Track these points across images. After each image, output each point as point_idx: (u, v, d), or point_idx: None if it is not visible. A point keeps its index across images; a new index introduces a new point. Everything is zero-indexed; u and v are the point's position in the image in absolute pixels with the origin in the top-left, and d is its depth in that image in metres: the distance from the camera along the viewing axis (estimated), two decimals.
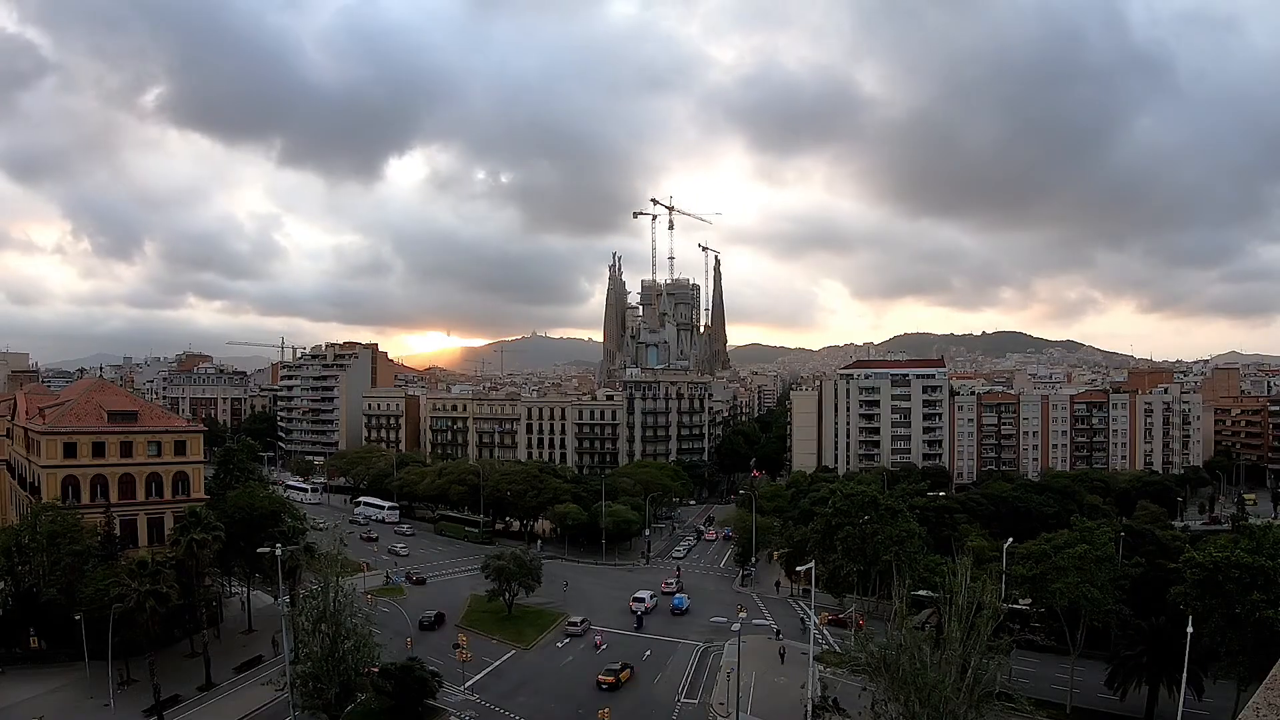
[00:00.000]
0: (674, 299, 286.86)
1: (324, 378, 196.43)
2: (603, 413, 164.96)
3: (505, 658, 67.06)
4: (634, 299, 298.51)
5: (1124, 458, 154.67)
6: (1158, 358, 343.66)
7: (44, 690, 56.28)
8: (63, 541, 59.29)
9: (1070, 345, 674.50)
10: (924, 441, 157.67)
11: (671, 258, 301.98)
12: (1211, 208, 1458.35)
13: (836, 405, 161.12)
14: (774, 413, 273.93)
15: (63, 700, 55.15)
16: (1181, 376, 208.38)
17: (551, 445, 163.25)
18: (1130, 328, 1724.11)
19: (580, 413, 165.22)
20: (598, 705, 53.37)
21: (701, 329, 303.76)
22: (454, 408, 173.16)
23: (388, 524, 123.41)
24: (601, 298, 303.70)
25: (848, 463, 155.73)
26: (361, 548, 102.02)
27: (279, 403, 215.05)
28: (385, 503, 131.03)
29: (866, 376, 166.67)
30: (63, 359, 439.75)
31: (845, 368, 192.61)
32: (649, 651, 68.93)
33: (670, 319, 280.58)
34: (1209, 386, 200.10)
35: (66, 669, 59.00)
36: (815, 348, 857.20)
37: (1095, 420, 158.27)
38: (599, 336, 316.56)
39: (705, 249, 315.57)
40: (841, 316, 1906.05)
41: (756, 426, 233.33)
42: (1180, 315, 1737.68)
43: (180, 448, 72.22)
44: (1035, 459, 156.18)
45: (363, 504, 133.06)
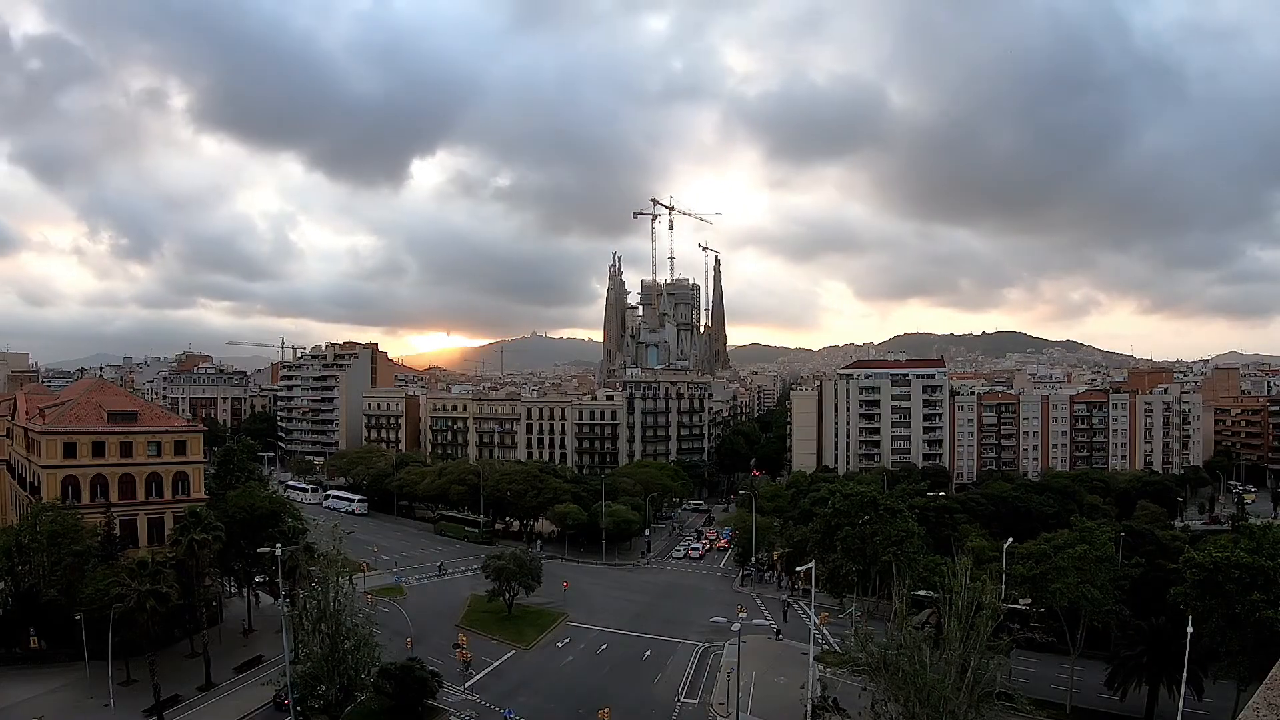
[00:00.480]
0: (674, 299, 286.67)
1: (324, 378, 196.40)
2: (603, 413, 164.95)
3: (505, 658, 67.07)
4: (634, 299, 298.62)
5: (1124, 458, 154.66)
6: (1158, 358, 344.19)
7: (44, 690, 56.27)
8: (63, 541, 59.23)
9: (1070, 345, 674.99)
10: (924, 441, 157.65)
11: (671, 258, 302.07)
12: (1213, 211, 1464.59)
13: (836, 405, 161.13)
14: (774, 413, 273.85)
15: (63, 700, 55.15)
16: (1181, 376, 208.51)
17: (551, 445, 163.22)
18: (1131, 328, 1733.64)
19: (580, 413, 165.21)
20: (598, 705, 53.38)
21: (701, 329, 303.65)
22: (454, 408, 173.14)
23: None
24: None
25: (848, 463, 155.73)
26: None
27: (279, 403, 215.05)
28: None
29: (866, 376, 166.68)
30: (73, 359, 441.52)
31: (845, 368, 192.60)
32: (649, 651, 68.97)
33: (670, 319, 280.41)
34: (1209, 386, 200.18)
35: (66, 669, 59.00)
36: (815, 348, 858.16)
37: (1095, 420, 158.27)
38: (599, 336, 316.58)
39: (705, 249, 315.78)
40: (845, 318, 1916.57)
41: (756, 426, 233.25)
42: (1181, 316, 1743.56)
43: (180, 448, 72.20)
44: (1035, 459, 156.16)
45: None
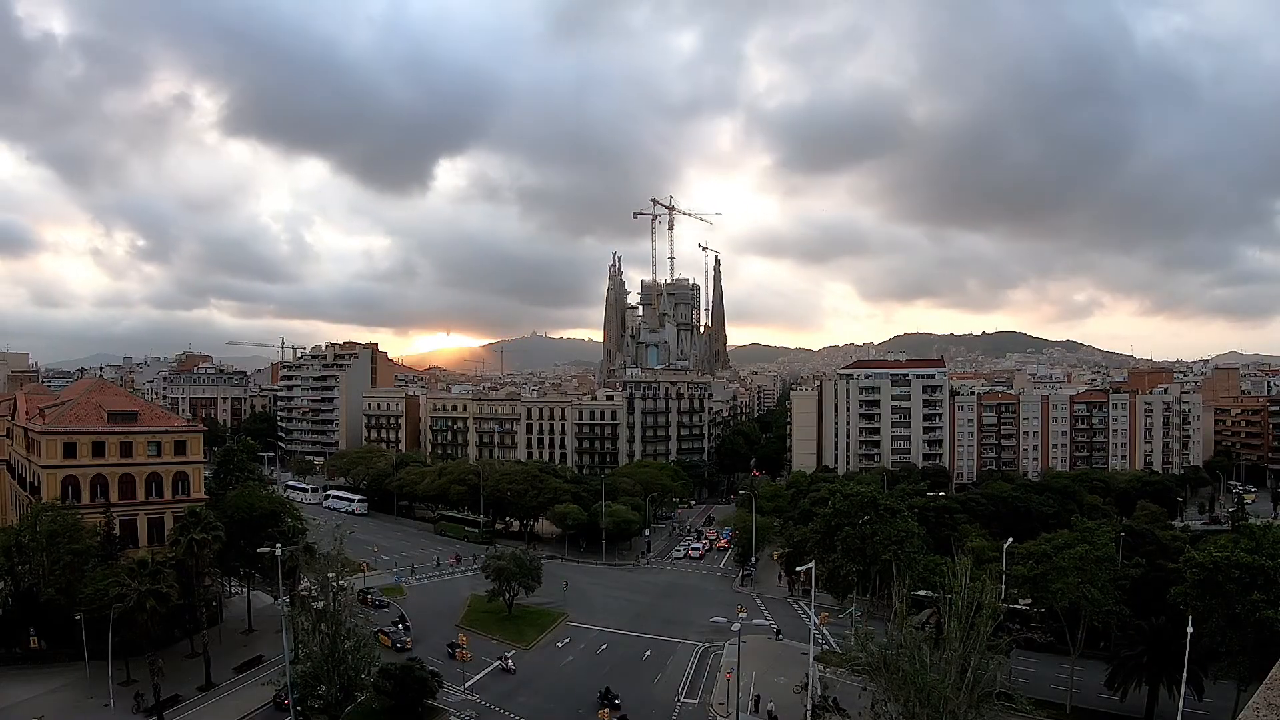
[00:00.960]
0: (674, 299, 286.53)
1: (324, 378, 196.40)
2: (603, 413, 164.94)
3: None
4: (635, 299, 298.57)
5: (1124, 458, 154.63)
6: (1158, 358, 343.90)
7: (44, 690, 56.28)
8: (63, 541, 59.18)
9: (1070, 345, 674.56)
10: (924, 441, 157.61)
11: (671, 258, 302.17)
12: (1214, 215, 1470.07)
13: (836, 405, 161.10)
14: (774, 413, 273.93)
15: (63, 700, 55.15)
16: (1181, 377, 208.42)
17: (551, 445, 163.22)
18: (1132, 329, 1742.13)
19: (580, 413, 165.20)
20: (598, 705, 53.37)
21: (701, 329, 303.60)
22: (454, 408, 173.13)
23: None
24: None
25: (848, 463, 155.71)
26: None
27: (279, 403, 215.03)
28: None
29: (866, 376, 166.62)
30: (83, 359, 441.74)
31: (845, 368, 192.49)
32: (649, 651, 68.96)
33: (670, 319, 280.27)
34: (1209, 386, 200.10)
35: (66, 669, 59.03)
36: (815, 348, 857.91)
37: (1095, 420, 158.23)
38: (599, 336, 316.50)
39: (705, 249, 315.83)
40: (848, 319, 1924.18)
41: (756, 426, 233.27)
42: (1181, 317, 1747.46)
43: (180, 448, 72.17)
44: (1035, 459, 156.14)
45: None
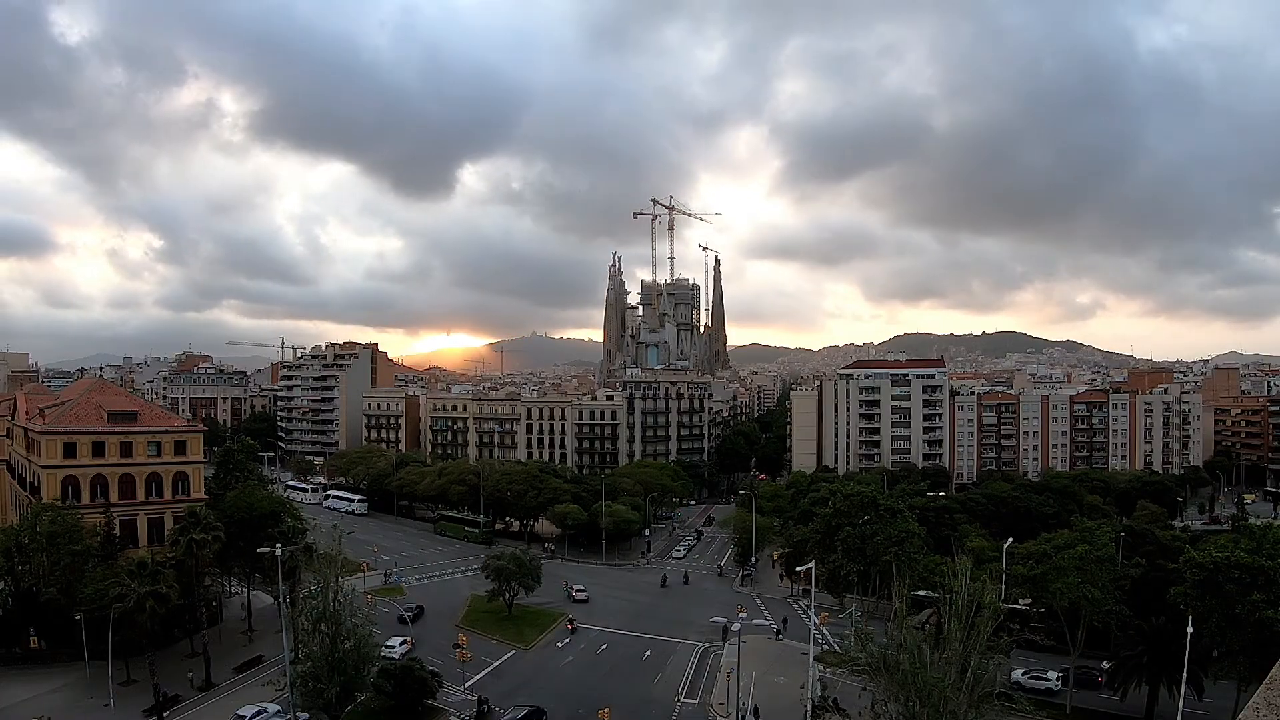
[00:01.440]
0: (674, 299, 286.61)
1: (324, 378, 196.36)
2: (603, 413, 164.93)
3: (505, 658, 67.06)
4: (634, 299, 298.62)
5: (1124, 458, 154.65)
6: (1158, 358, 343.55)
7: (44, 690, 56.29)
8: (63, 541, 59.21)
9: (1070, 345, 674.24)
10: (924, 441, 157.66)
11: (671, 258, 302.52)
12: (1216, 218, 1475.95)
13: (836, 405, 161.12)
14: (774, 413, 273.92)
15: (63, 700, 55.16)
16: (1181, 377, 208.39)
17: (551, 445, 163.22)
18: (1133, 330, 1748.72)
19: (580, 413, 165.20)
20: (598, 705, 53.34)
21: (701, 329, 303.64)
22: (454, 408, 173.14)
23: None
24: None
25: (848, 463, 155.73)
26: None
27: (279, 403, 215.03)
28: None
29: (866, 376, 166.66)
30: (83, 359, 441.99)
31: (845, 368, 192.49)
32: (649, 651, 68.96)
33: (670, 319, 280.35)
34: (1209, 387, 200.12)
35: (66, 669, 59.05)
36: (815, 348, 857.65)
37: (1095, 420, 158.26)
38: (599, 336, 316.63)
39: (705, 249, 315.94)
40: (852, 320, 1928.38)
41: (756, 426, 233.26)
42: (1181, 318, 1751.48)
43: (180, 448, 72.20)
44: (1035, 459, 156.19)
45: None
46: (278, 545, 56.19)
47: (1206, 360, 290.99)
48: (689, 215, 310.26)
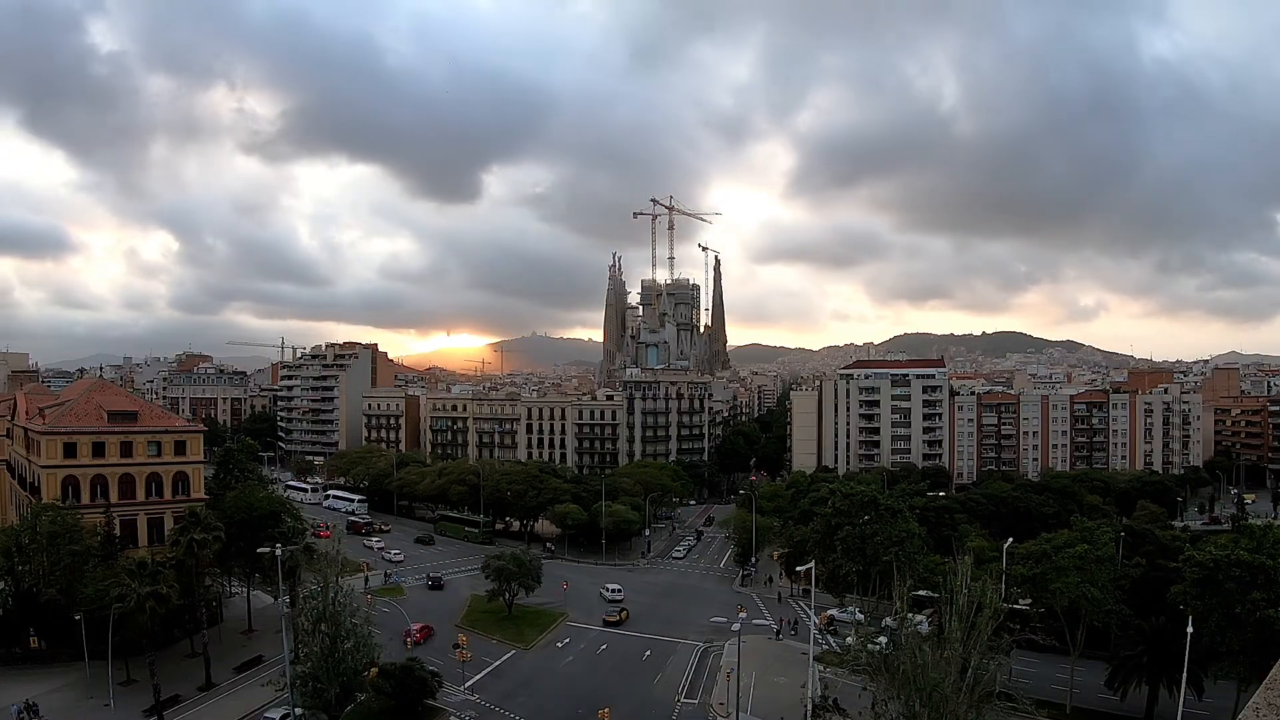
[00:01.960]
0: (674, 299, 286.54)
1: (324, 378, 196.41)
2: (603, 413, 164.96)
3: (505, 658, 67.07)
4: (635, 298, 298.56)
5: (1124, 458, 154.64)
6: (1157, 358, 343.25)
7: (44, 690, 56.22)
8: (63, 541, 59.17)
9: (1070, 345, 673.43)
10: (924, 441, 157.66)
11: (671, 257, 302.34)
12: (1218, 220, 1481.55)
13: (836, 405, 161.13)
14: (774, 413, 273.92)
15: (63, 700, 55.16)
16: (1181, 377, 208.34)
17: (551, 445, 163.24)
18: (1134, 330, 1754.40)
19: (580, 413, 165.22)
20: (598, 705, 53.35)
21: (701, 329, 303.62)
22: (454, 408, 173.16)
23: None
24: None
25: (848, 463, 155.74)
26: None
27: (279, 403, 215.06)
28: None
29: (866, 376, 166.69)
30: (83, 359, 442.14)
31: (845, 368, 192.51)
32: (649, 651, 68.95)
33: (670, 319, 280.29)
34: (1209, 387, 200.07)
35: (66, 669, 59.00)
36: (815, 348, 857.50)
37: (1095, 420, 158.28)
38: (599, 336, 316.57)
39: (705, 249, 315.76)
40: (858, 322, 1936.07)
41: (756, 426, 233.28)
42: (1183, 319, 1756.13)
43: (180, 448, 72.15)
44: (1035, 459, 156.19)
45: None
46: (278, 545, 56.21)
47: (1206, 360, 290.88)
48: (689, 215, 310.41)
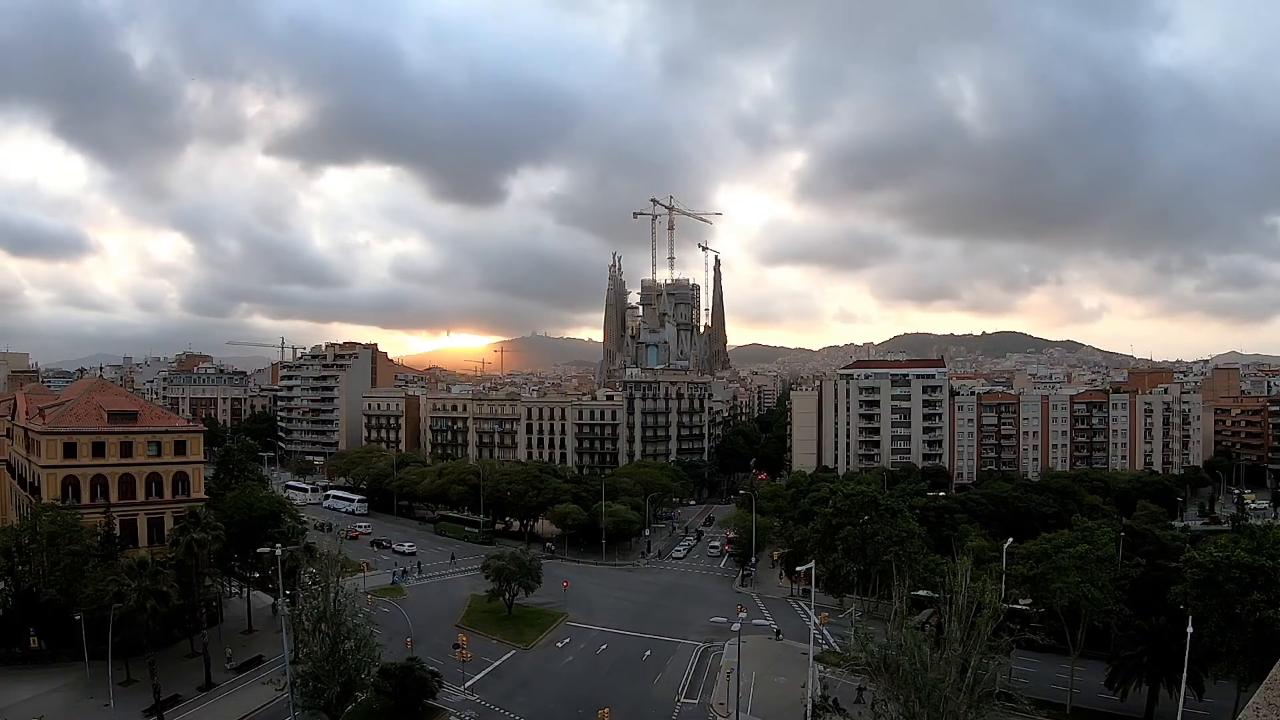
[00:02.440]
0: (674, 299, 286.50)
1: (324, 378, 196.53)
2: (603, 413, 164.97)
3: (505, 658, 67.04)
4: (635, 298, 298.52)
5: (1124, 458, 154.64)
6: (1157, 358, 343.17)
7: (44, 690, 56.25)
8: (63, 541, 59.13)
9: (1070, 345, 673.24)
10: (924, 441, 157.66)
11: (671, 257, 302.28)
12: (1219, 222, 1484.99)
13: (836, 405, 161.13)
14: (774, 413, 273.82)
15: (63, 700, 55.14)
16: (1181, 377, 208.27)
17: (551, 445, 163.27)
18: (1134, 331, 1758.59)
19: (580, 413, 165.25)
20: (598, 705, 53.34)
21: (701, 329, 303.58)
22: (454, 408, 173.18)
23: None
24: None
25: (848, 463, 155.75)
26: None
27: (279, 403, 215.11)
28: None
29: (866, 376, 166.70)
30: (84, 359, 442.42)
31: (845, 368, 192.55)
32: (649, 651, 68.95)
33: (670, 319, 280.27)
34: (1209, 387, 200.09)
35: (66, 669, 58.96)
36: (815, 348, 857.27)
37: (1095, 420, 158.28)
38: (600, 336, 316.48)
39: (705, 248, 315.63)
40: (862, 323, 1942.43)
41: (756, 426, 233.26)
42: (1183, 320, 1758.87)
43: (180, 448, 72.13)
44: (1035, 459, 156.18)
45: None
46: (278, 545, 56.23)
47: (1206, 360, 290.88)
48: (689, 215, 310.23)
